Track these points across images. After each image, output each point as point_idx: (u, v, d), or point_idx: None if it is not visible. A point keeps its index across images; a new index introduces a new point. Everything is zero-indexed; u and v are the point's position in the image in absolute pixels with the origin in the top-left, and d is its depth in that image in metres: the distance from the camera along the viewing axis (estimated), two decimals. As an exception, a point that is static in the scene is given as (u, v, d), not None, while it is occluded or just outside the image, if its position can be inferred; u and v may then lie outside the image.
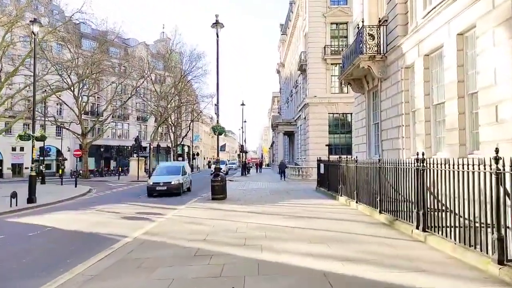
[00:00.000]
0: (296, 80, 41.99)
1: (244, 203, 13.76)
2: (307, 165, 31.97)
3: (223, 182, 15.28)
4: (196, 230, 8.48)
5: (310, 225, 8.67)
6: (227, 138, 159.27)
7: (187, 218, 10.28)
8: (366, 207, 10.38)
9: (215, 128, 16.79)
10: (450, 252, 5.79)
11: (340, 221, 9.18)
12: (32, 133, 16.59)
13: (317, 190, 18.23)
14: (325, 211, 10.91)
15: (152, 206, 14.47)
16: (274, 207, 12.42)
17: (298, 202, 13.67)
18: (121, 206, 15.00)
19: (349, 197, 12.48)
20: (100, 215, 12.17)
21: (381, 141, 14.06)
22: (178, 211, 12.12)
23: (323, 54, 31.83)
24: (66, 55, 37.03)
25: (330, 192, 15.32)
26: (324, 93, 31.76)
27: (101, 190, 25.30)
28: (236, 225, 8.93)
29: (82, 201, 18.21)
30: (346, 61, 16.44)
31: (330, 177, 15.66)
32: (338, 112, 31.91)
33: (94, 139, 45.32)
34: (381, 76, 13.80)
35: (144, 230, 8.80)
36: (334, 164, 14.68)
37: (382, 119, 14.06)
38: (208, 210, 12.04)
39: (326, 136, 31.51)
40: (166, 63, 45.72)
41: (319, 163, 18.11)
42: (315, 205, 12.35)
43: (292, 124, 44.70)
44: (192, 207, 13.16)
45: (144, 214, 12.16)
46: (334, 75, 32.49)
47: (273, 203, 13.39)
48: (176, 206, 14.09)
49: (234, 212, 11.22)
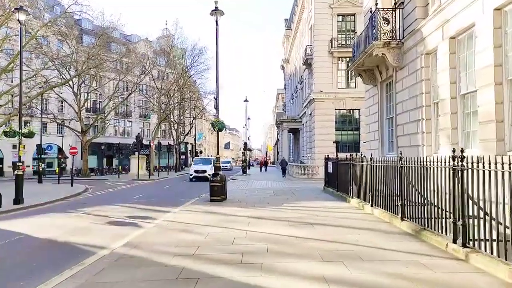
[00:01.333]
0: (301, 76, 40.61)
1: (245, 205, 12.47)
2: (313, 163, 30.64)
3: (222, 182, 13.99)
4: (185, 241, 7.21)
5: (320, 234, 7.37)
6: (231, 136, 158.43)
7: (178, 225, 9.02)
8: (384, 212, 9.05)
9: (215, 123, 15.50)
10: (507, 277, 4.46)
11: (355, 229, 7.86)
12: (18, 129, 15.41)
13: (325, 190, 16.91)
14: (336, 217, 9.58)
15: (145, 209, 13.23)
16: (278, 210, 11.12)
17: (304, 204, 12.35)
18: (111, 208, 13.80)
19: (362, 200, 11.15)
20: (85, 220, 10.94)
21: (397, 137, 12.70)
22: (171, 215, 10.87)
23: (330, 47, 30.41)
24: (66, 51, 35.87)
25: (339, 193, 13.99)
26: (330, 88, 30.37)
27: (97, 189, 24.18)
28: (233, 234, 7.66)
29: (73, 202, 17.05)
30: (357, 51, 15.09)
31: (339, 177, 14.32)
32: (345, 108, 30.50)
33: (94, 137, 44.24)
34: (397, 65, 12.43)
35: (126, 240, 7.55)
36: (344, 162, 13.35)
37: (397, 112, 12.70)
38: (204, 214, 10.78)
39: (333, 133, 30.12)
40: (168, 57, 44.40)
41: (327, 161, 16.78)
42: (324, 209, 11.03)
43: (297, 121, 43.35)
44: (187, 210, 11.90)
45: (134, 219, 10.92)
46: (341, 69, 31.10)
47: (277, 206, 12.09)
48: (171, 208, 12.87)
49: (232, 217, 9.94)
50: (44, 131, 52.40)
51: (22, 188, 15.50)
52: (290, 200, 13.84)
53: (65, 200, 18.06)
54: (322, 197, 14.71)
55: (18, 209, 14.22)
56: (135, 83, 43.44)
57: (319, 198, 14.13)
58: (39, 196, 18.49)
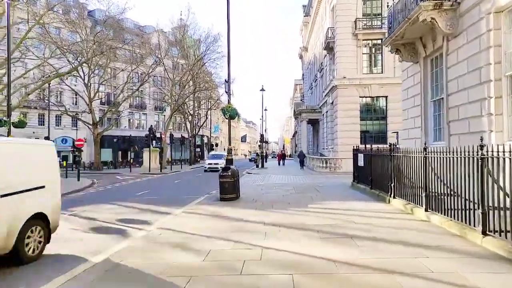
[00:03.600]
0: (322, 63, 37.96)
1: (260, 206, 10.30)
2: (335, 155, 28.19)
3: (234, 178, 11.82)
4: (176, 265, 5.10)
5: (369, 256, 5.12)
6: (248, 129, 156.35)
7: (174, 235, 6.93)
8: (448, 220, 6.72)
9: (226, 109, 13.33)
10: None
11: (417, 247, 5.53)
12: (7, 118, 13.68)
13: (354, 186, 14.57)
14: (381, 224, 7.28)
15: (144, 209, 11.25)
16: (302, 214, 8.90)
17: (334, 205, 10.08)
18: (107, 208, 11.90)
19: (409, 201, 8.80)
20: (66, 224, 8.99)
21: (448, 123, 10.23)
22: (170, 219, 8.80)
23: (354, 28, 27.71)
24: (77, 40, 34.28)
25: (374, 191, 11.63)
26: (354, 74, 27.72)
27: (104, 184, 22.51)
28: (244, 254, 5.51)
29: (70, 199, 15.25)
30: (394, 21, 12.58)
31: (374, 172, 11.96)
32: (371, 95, 27.82)
33: (105, 129, 42.86)
34: (450, 32, 9.91)
35: (94, 260, 5.49)
36: (382, 154, 10.96)
37: (449, 92, 10.22)
38: (210, 218, 8.65)
39: (357, 122, 27.57)
40: (180, 45, 42.35)
41: (357, 153, 14.42)
42: (361, 212, 8.73)
43: (317, 111, 40.77)
44: (191, 211, 9.82)
45: (125, 223, 8.92)
46: (367, 53, 28.38)
47: (300, 207, 9.87)
48: (173, 208, 10.84)
49: (245, 224, 7.78)
50: (58, 124, 51.72)
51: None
52: (315, 199, 11.57)
53: (64, 196, 16.18)
54: (353, 195, 12.36)
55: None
56: (147, 73, 41.69)
57: (349, 197, 11.81)
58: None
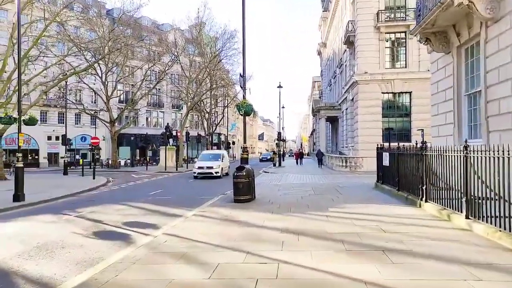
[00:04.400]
0: (341, 58, 36.75)
1: (277, 209, 9.49)
2: (356, 154, 27.07)
3: (249, 178, 11.05)
4: (177, 281, 4.36)
5: (408, 280, 4.20)
6: (265, 127, 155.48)
7: (180, 243, 6.21)
8: (498, 231, 5.73)
9: (241, 106, 12.58)
10: None
11: (464, 266, 4.56)
12: (16, 115, 13.33)
13: (378, 187, 13.58)
14: (415, 234, 6.33)
15: (154, 211, 10.63)
16: (323, 219, 8.04)
17: (359, 209, 9.17)
18: (116, 208, 11.35)
19: (445, 206, 7.81)
20: (69, 227, 8.46)
21: (487, 118, 9.16)
22: (179, 223, 8.11)
23: (376, 21, 26.46)
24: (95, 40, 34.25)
25: (402, 193, 10.63)
26: (376, 69, 26.49)
27: (119, 182, 22.20)
28: (257, 269, 4.72)
29: (82, 198, 14.88)
30: (424, 8, 11.52)
31: (401, 172, 10.96)
32: (393, 91, 26.53)
33: (122, 127, 42.87)
34: (491, 17, 8.82)
35: (89, 273, 4.82)
36: (411, 153, 9.96)
37: (488, 84, 9.14)
38: (222, 223, 7.90)
39: (379, 119, 26.34)
40: (196, 41, 41.80)
41: (381, 151, 13.41)
42: (390, 218, 7.80)
43: (336, 109, 39.58)
44: (202, 214, 9.10)
45: (131, 227, 8.28)
46: (389, 47, 27.08)
47: (320, 211, 9.01)
48: (185, 210, 10.20)
49: (259, 231, 7.00)
50: (78, 122, 52.24)
51: (23, 183, 13.51)
52: (336, 202, 10.66)
53: (76, 195, 16.01)
54: (377, 197, 11.39)
55: (13, 208, 12.17)
56: (163, 71, 41.42)
57: (374, 200, 10.86)
58: (51, 191, 16.65)
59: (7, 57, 25.29)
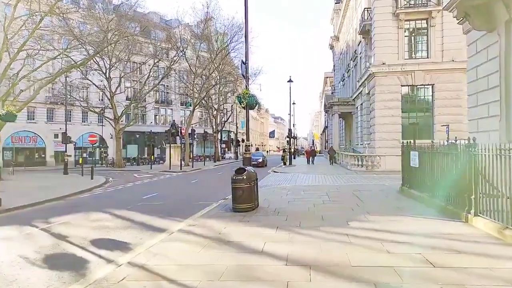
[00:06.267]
0: (355, 50, 34.56)
1: (283, 223, 7.62)
2: (372, 152, 24.98)
3: (251, 183, 9.18)
4: None
5: None
6: (276, 125, 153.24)
7: (144, 283, 4.41)
8: None
9: (242, 97, 10.73)
10: None
11: None
12: None
13: (404, 192, 11.56)
14: (483, 272, 4.34)
15: (136, 222, 8.87)
16: (343, 240, 6.10)
17: (386, 224, 7.22)
18: (96, 218, 9.67)
19: (508, 224, 5.83)
20: (24, 246, 6.76)
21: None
22: (157, 244, 6.31)
23: (395, 7, 24.26)
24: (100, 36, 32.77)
25: (439, 202, 8.62)
26: (395, 59, 24.31)
27: (117, 183, 20.65)
28: None
29: (67, 203, 13.27)
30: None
31: (436, 175, 8.95)
32: (414, 84, 24.30)
33: (127, 125, 41.46)
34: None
35: None
36: (452, 152, 7.95)
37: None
38: (210, 246, 6.04)
39: (398, 114, 24.18)
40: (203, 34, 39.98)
41: (408, 149, 11.39)
42: (434, 240, 5.81)
43: (350, 104, 37.43)
44: (189, 230, 7.29)
45: (97, 247, 6.55)
46: (409, 35, 24.84)
47: (338, 226, 7.11)
48: (172, 222, 8.44)
49: (257, 261, 5.14)
50: (85, 120, 51.13)
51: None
52: (357, 212, 8.71)
53: (64, 199, 14.43)
54: (407, 207, 9.37)
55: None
56: (168, 66, 39.82)
57: (403, 210, 8.86)
58: (38, 194, 15.16)
59: (2, 52, 23.92)
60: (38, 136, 47.24)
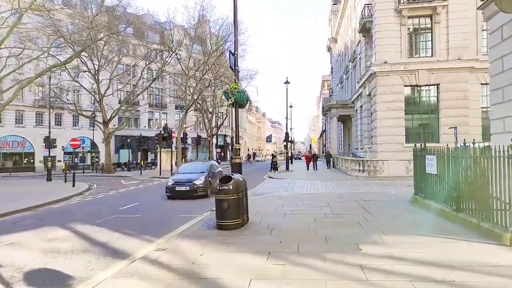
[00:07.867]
0: (354, 51, 33.21)
1: (277, 246, 6.05)
2: (374, 156, 23.46)
3: (239, 194, 7.58)
4: None
5: None
6: (273, 129, 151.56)
7: None
8: None
9: (229, 92, 9.18)
10: None
11: None
12: None
13: (418, 202, 9.98)
14: None
15: (98, 244, 7.27)
16: (357, 279, 4.49)
17: (407, 248, 5.64)
18: (52, 236, 8.05)
19: None
20: None
21: None
22: (106, 282, 4.71)
23: (397, 3, 22.87)
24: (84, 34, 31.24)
25: (466, 217, 7.07)
26: (397, 58, 22.87)
27: (99, 191, 19.03)
28: None
29: (33, 214, 11.66)
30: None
31: (462, 185, 7.41)
32: (418, 84, 22.85)
33: (117, 129, 39.82)
34: None
35: None
36: (484, 156, 6.41)
37: None
38: (177, 286, 4.46)
39: (401, 116, 22.71)
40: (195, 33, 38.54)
41: (420, 154, 9.85)
42: (474, 275, 4.32)
43: (349, 107, 35.98)
44: (156, 259, 5.67)
45: (29, 283, 4.94)
46: (412, 33, 23.44)
47: (346, 251, 5.54)
48: (140, 243, 6.86)
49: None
50: (76, 124, 49.42)
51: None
52: (368, 230, 7.11)
53: (33, 209, 12.79)
54: (426, 220, 7.80)
55: None
56: (160, 68, 38.28)
57: (423, 226, 7.30)
58: (4, 204, 13.41)
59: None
60: (27, 140, 45.52)
